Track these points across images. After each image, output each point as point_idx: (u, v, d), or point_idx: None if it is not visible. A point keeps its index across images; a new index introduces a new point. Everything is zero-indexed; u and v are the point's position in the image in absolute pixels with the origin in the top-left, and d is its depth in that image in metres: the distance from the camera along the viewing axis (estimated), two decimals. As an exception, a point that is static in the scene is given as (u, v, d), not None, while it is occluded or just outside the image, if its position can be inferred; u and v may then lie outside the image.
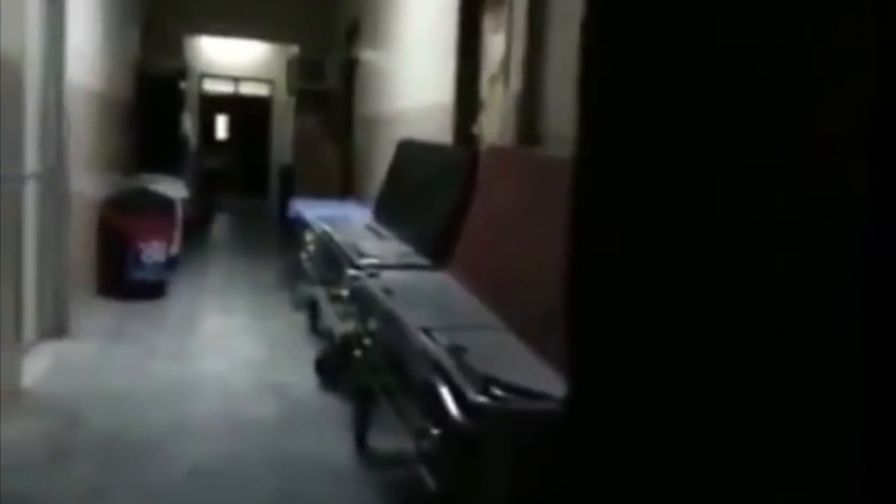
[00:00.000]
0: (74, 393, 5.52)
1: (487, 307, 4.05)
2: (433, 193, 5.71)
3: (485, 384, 2.73)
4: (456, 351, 3.12)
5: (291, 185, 13.17)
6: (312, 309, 7.31)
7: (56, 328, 6.61)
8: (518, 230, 4.13)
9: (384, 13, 9.79)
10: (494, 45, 5.84)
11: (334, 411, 5.42)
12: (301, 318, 7.69)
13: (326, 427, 5.17)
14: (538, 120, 4.84)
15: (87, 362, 6.20)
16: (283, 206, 11.98)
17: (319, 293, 6.76)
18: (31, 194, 6.01)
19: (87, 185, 7.66)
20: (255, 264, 11.18)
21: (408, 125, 7.88)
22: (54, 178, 6.53)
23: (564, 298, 1.62)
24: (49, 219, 6.50)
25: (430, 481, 3.22)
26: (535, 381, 2.85)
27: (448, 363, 3.03)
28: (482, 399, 2.68)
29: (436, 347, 3.23)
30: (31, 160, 5.98)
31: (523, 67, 4.91)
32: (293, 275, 8.59)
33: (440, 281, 4.70)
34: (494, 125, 5.68)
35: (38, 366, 5.90)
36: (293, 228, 8.60)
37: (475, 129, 6.22)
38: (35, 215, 6.23)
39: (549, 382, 2.86)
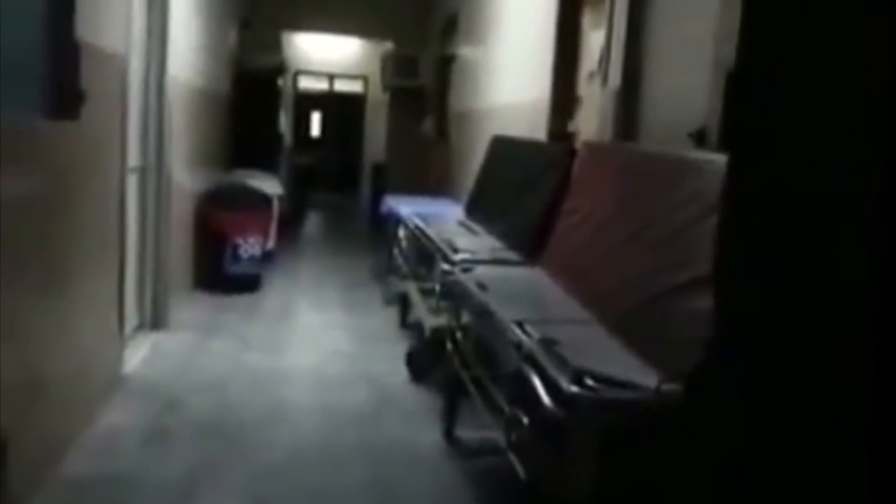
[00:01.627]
0: (172, 381, 5.65)
1: (579, 302, 4.07)
2: (527, 190, 5.73)
3: (577, 374, 2.76)
4: (548, 343, 3.16)
5: (384, 182, 13.27)
6: (403, 303, 7.39)
7: (155, 320, 6.77)
8: (612, 225, 4.14)
9: (480, 9, 9.81)
10: (593, 41, 5.86)
11: (424, 402, 5.50)
12: (392, 313, 7.78)
13: (416, 417, 5.25)
14: (636, 117, 4.85)
15: (185, 353, 6.34)
16: (375, 202, 12.08)
17: (411, 288, 6.83)
18: (132, 188, 6.13)
19: (187, 179, 7.82)
20: (346, 260, 11.29)
21: (502, 122, 7.91)
22: (155, 172, 6.67)
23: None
24: (150, 212, 6.64)
25: (520, 470, 3.27)
26: (625, 372, 2.88)
27: (541, 355, 3.07)
28: (574, 389, 2.71)
29: (529, 340, 3.26)
30: (134, 154, 6.11)
31: (623, 64, 4.92)
32: (384, 270, 8.68)
33: (532, 276, 4.72)
34: (591, 122, 5.69)
35: (138, 355, 6.06)
36: (385, 224, 8.68)
37: (571, 126, 6.24)
38: (136, 209, 6.37)
39: (639, 373, 2.90)
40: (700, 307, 2.91)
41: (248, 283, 8.63)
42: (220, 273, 8.53)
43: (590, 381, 2.74)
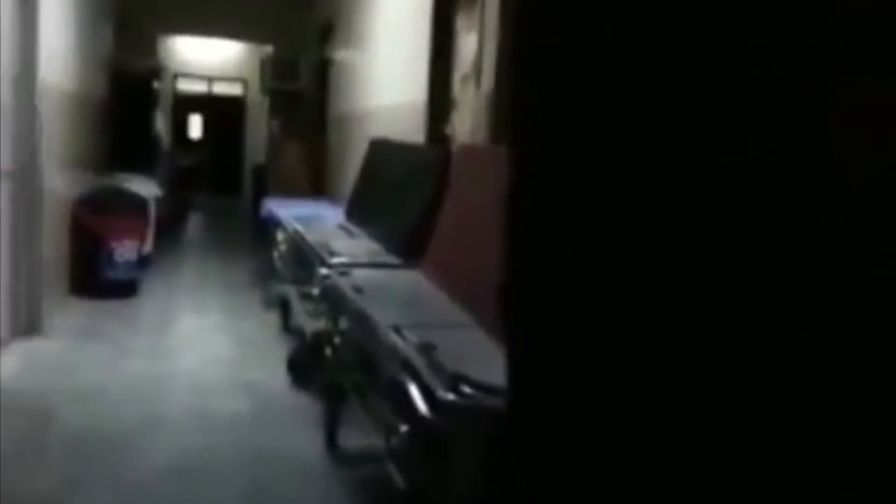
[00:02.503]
0: (47, 390, 5.53)
1: (458, 305, 4.06)
2: (405, 192, 5.73)
3: (454, 381, 2.74)
4: (426, 348, 3.13)
5: (264, 185, 13.17)
6: (284, 308, 7.33)
7: (29, 326, 6.64)
8: (490, 228, 4.13)
9: (358, 13, 9.81)
10: (467, 44, 5.87)
11: (305, 409, 5.44)
12: (273, 317, 7.70)
13: (297, 424, 5.19)
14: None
15: (60, 360, 6.22)
16: (256, 205, 11.97)
17: (291, 292, 6.77)
18: (3, 193, 6.04)
19: (60, 183, 7.65)
20: (227, 263, 11.18)
21: (380, 125, 7.91)
22: (27, 176, 6.55)
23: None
24: (22, 217, 6.52)
25: (398, 479, 3.24)
26: (503, 377, 2.86)
27: (418, 361, 3.04)
28: (451, 396, 2.69)
29: (406, 345, 3.23)
30: (4, 159, 6.01)
31: (495, 66, 4.94)
32: (265, 274, 8.60)
33: (411, 279, 4.72)
34: (466, 124, 5.71)
35: (11, 363, 5.93)
36: (265, 227, 8.61)
37: (447, 129, 6.25)
38: (8, 214, 6.26)
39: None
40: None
41: (124, 288, 8.48)
42: (96, 278, 8.35)
43: (466, 388, 2.72)
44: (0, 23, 5.53)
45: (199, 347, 6.96)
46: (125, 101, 11.39)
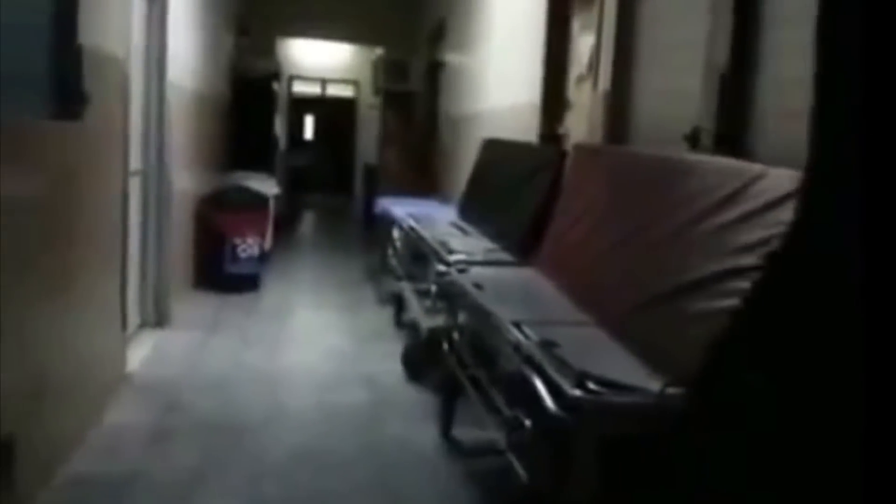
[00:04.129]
0: (175, 380, 5.70)
1: (575, 303, 4.11)
2: (519, 191, 5.78)
3: (580, 378, 2.79)
4: (548, 345, 3.19)
5: (375, 185, 13.34)
6: (398, 304, 7.43)
7: (157, 318, 6.85)
8: (605, 226, 4.18)
9: (470, 14, 9.87)
10: (583, 44, 5.91)
11: (420, 402, 5.54)
12: (386, 313, 7.82)
13: (414, 417, 5.28)
14: (625, 119, 4.91)
15: (187, 351, 6.38)
16: (368, 204, 12.15)
17: (405, 288, 6.87)
18: (135, 190, 6.20)
19: (187, 181, 7.87)
20: (341, 260, 11.31)
21: (493, 125, 7.96)
22: (155, 175, 6.74)
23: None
24: (151, 214, 6.71)
25: (521, 472, 3.30)
26: (625, 375, 2.92)
27: (541, 357, 3.09)
28: (577, 392, 2.73)
29: (528, 341, 3.29)
30: (135, 157, 6.17)
31: (612, 66, 4.97)
32: (378, 270, 8.72)
33: (527, 277, 4.76)
34: (581, 125, 5.75)
35: (141, 354, 6.12)
36: (378, 225, 8.72)
37: (561, 129, 6.29)
38: (138, 210, 6.44)
39: (641, 377, 2.94)
40: (698, 310, 2.96)
41: (246, 283, 8.67)
42: (220, 273, 8.58)
43: (592, 385, 2.76)
44: (133, 28, 5.70)
45: (318, 340, 7.08)
46: (246, 103, 11.67)
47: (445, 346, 4.70)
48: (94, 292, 4.83)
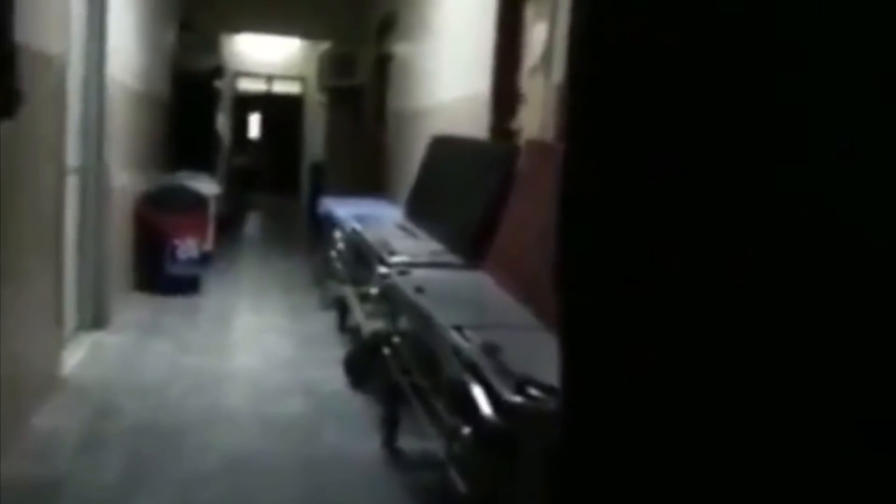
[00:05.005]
0: (111, 383, 5.61)
1: (523, 306, 3.99)
2: (468, 190, 5.65)
3: (520, 384, 2.66)
4: (490, 350, 3.06)
5: (323, 183, 13.19)
6: (342, 307, 7.29)
7: (94, 320, 6.76)
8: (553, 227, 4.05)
9: (418, 5, 9.73)
10: (536, 33, 5.75)
11: (363, 410, 5.41)
12: (330, 317, 7.68)
13: (355, 426, 5.16)
14: (582, 113, 4.77)
15: (124, 354, 6.30)
16: (315, 203, 12.00)
17: (349, 292, 6.73)
18: (72, 188, 6.13)
19: (126, 180, 7.76)
20: (285, 262, 11.24)
21: (441, 120, 7.82)
22: (93, 173, 6.66)
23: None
24: (89, 213, 6.66)
25: (459, 483, 3.16)
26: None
27: (482, 362, 2.96)
28: (517, 399, 2.61)
29: (469, 346, 3.16)
30: (73, 155, 6.10)
31: (566, 58, 4.82)
32: (323, 273, 8.60)
33: (474, 279, 4.64)
34: (535, 119, 5.60)
35: (78, 356, 6.04)
36: (323, 226, 8.60)
37: (514, 124, 6.14)
38: (76, 209, 6.37)
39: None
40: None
41: (187, 285, 8.55)
42: (160, 274, 8.45)
43: (533, 391, 2.63)
44: (71, 24, 5.62)
45: (258, 345, 7.01)
46: (187, 100, 11.51)
47: (387, 351, 4.56)
48: (27, 291, 4.73)
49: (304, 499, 4.18)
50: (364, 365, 5.77)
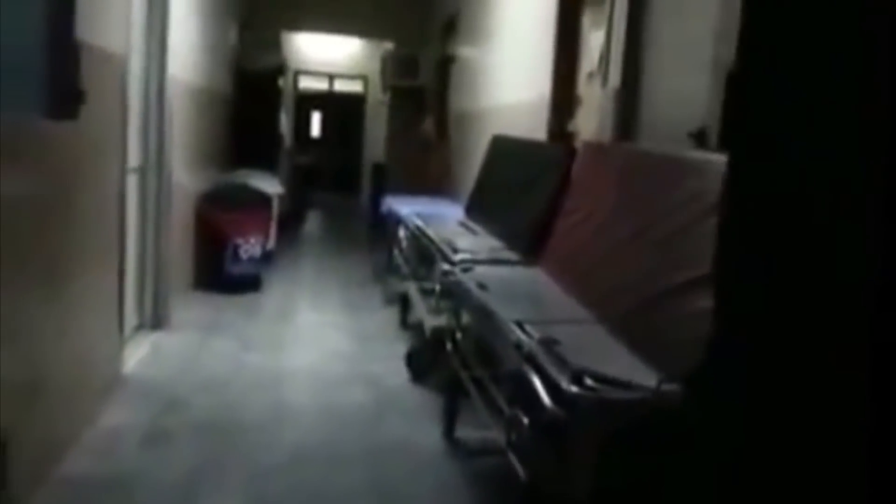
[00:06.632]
0: (173, 381, 5.66)
1: (579, 302, 4.07)
2: (527, 189, 5.73)
3: (577, 375, 2.76)
4: (548, 343, 3.16)
5: (384, 183, 13.27)
6: (403, 303, 7.39)
7: (155, 319, 6.78)
8: (612, 225, 4.14)
9: (481, 9, 9.80)
10: (593, 41, 5.85)
11: (424, 403, 5.51)
12: (392, 313, 7.78)
13: (417, 417, 5.25)
14: (636, 117, 4.86)
15: (185, 353, 6.34)
16: (376, 202, 12.08)
17: (411, 288, 6.83)
18: (133, 188, 6.14)
19: (187, 179, 7.82)
20: (346, 260, 11.29)
21: (502, 122, 7.91)
22: (155, 172, 6.68)
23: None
24: (150, 213, 6.64)
25: (519, 470, 3.27)
26: (625, 372, 2.88)
27: (541, 355, 3.07)
28: (575, 389, 2.71)
29: (529, 340, 3.26)
30: (134, 154, 6.12)
31: (623, 63, 4.92)
32: (384, 270, 8.68)
33: (532, 276, 4.72)
34: (591, 122, 5.69)
35: (138, 355, 6.07)
36: (385, 225, 8.69)
37: (571, 126, 6.24)
38: (137, 209, 6.38)
39: (639, 373, 2.90)
40: (699, 307, 2.91)
41: (248, 283, 8.62)
42: (221, 273, 8.51)
43: (590, 382, 2.74)
44: (133, 23, 5.66)
45: (321, 341, 7.04)
46: (249, 99, 11.58)
47: (449, 345, 4.67)
48: (90, 292, 4.79)
49: (369, 488, 4.26)
50: (426, 359, 5.86)
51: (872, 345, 1.32)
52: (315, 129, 20.45)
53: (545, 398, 2.83)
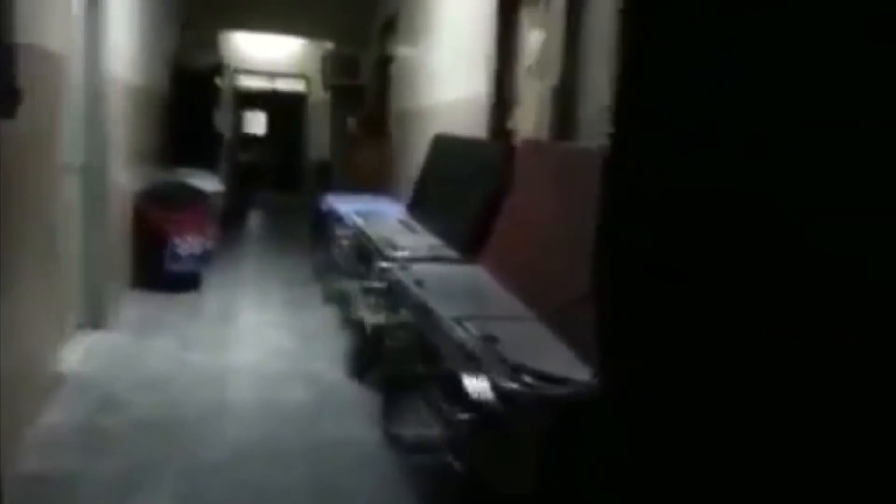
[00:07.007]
0: (113, 379, 5.62)
1: (518, 299, 4.09)
2: (467, 187, 5.76)
3: (515, 371, 2.78)
4: (488, 340, 3.18)
5: (327, 181, 13.26)
6: (344, 302, 7.38)
7: (94, 319, 6.71)
8: (550, 222, 4.17)
9: (420, 8, 9.83)
10: (531, 39, 5.88)
11: (364, 400, 5.49)
12: (333, 311, 7.77)
13: (357, 415, 5.24)
14: (573, 114, 4.88)
15: (125, 351, 6.30)
16: (318, 201, 12.06)
17: (351, 286, 6.83)
18: (72, 187, 6.10)
19: (127, 177, 7.76)
20: (288, 258, 11.24)
21: (443, 120, 7.93)
22: (94, 171, 6.62)
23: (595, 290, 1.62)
24: (89, 211, 6.59)
25: (457, 465, 3.28)
26: (563, 367, 2.90)
27: (480, 352, 3.08)
28: (513, 385, 2.73)
29: (468, 337, 3.28)
30: (73, 153, 6.08)
31: (560, 61, 4.95)
32: (325, 268, 8.66)
33: (472, 273, 4.75)
34: (530, 120, 5.72)
35: (77, 355, 6.01)
36: (326, 223, 8.67)
37: (510, 124, 6.26)
38: (76, 207, 6.33)
39: (576, 369, 2.93)
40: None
41: (188, 282, 8.56)
42: (161, 272, 8.44)
43: (528, 378, 2.76)
44: (72, 23, 5.62)
45: (262, 340, 7.01)
46: (188, 97, 11.50)
47: (388, 343, 4.68)
48: (29, 291, 4.73)
49: (309, 484, 4.26)
50: (367, 357, 5.86)
51: (764, 344, 1.34)
52: (257, 127, 20.38)
53: (484, 395, 2.83)
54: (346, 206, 7.77)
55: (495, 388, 2.79)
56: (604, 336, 1.65)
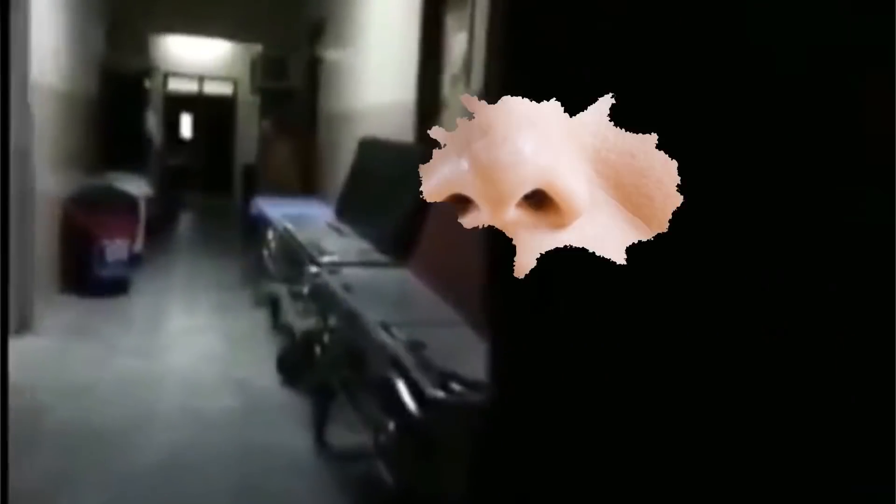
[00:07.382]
0: (37, 386, 5.54)
1: (447, 304, 4.09)
2: (395, 191, 5.75)
3: (443, 379, 2.77)
4: (415, 346, 3.17)
5: (255, 184, 13.17)
6: (274, 306, 7.33)
7: (19, 324, 6.61)
8: (479, 228, 4.16)
9: (348, 11, 9.81)
10: (457, 43, 5.87)
11: (295, 407, 5.46)
12: (263, 315, 7.71)
13: (287, 422, 5.21)
14: (498, 120, 4.88)
15: (51, 358, 6.22)
16: (247, 204, 11.98)
17: (281, 290, 6.78)
18: (-6, 191, 5.98)
19: (51, 182, 7.65)
20: (217, 262, 11.16)
21: (371, 124, 7.91)
22: (18, 175, 6.52)
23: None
24: (13, 216, 6.45)
25: (386, 476, 3.27)
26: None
27: (406, 358, 3.07)
28: (440, 394, 2.72)
29: (395, 343, 3.26)
30: (-4, 157, 5.96)
31: (484, 66, 4.95)
32: (255, 273, 8.61)
33: (400, 278, 4.74)
34: (456, 124, 5.71)
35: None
36: (255, 227, 8.62)
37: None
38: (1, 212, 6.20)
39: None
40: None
41: (115, 287, 8.45)
42: (87, 276, 8.33)
43: (455, 386, 2.75)
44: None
45: (190, 345, 6.96)
46: (115, 100, 11.40)
47: (318, 349, 4.65)
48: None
49: (238, 493, 4.24)
50: (296, 362, 5.83)
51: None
52: (186, 130, 20.20)
53: (410, 403, 2.83)
54: (276, 209, 7.73)
55: (421, 395, 2.78)
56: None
